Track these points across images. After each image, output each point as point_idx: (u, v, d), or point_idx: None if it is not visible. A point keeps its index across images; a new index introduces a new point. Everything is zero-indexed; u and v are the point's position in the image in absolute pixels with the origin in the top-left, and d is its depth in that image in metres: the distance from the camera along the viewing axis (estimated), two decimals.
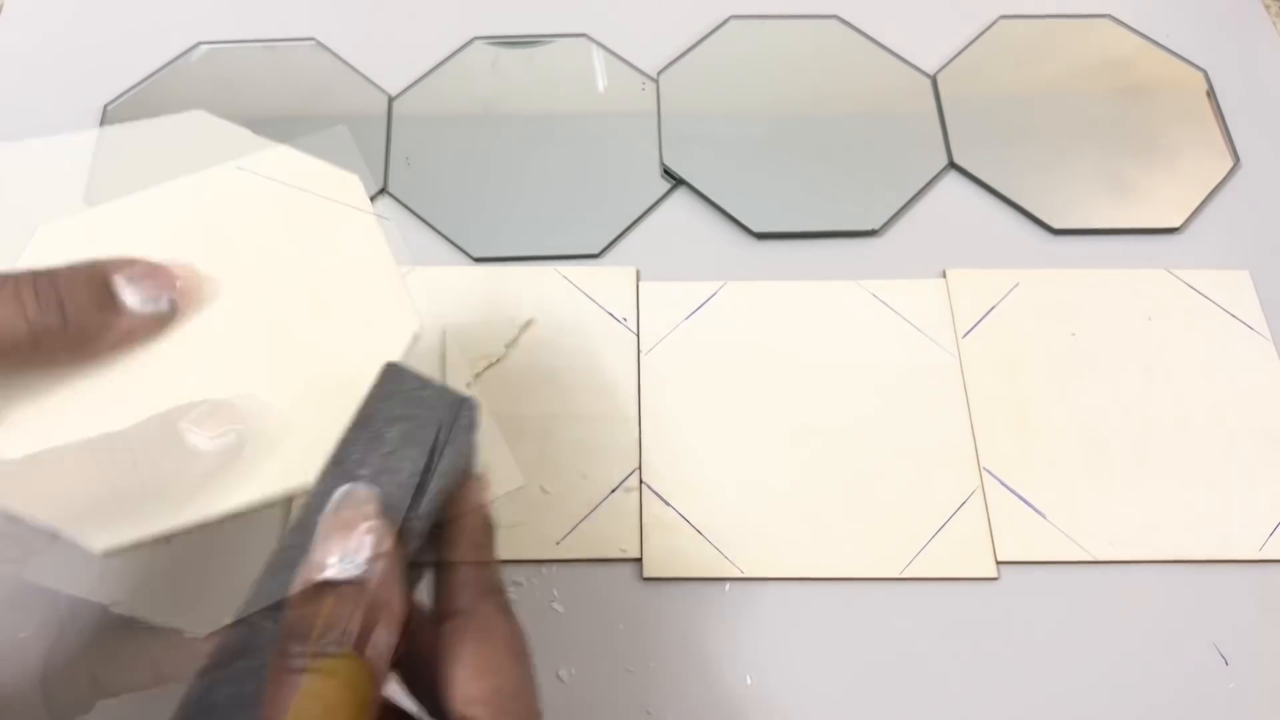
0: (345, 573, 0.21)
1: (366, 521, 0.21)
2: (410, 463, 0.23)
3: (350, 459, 0.23)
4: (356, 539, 0.21)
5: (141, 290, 0.25)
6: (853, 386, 0.43)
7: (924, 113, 0.52)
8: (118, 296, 0.25)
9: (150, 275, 0.25)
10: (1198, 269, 0.47)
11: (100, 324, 0.24)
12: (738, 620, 0.39)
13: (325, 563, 0.21)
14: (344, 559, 0.21)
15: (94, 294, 0.24)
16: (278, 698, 0.19)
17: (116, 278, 0.25)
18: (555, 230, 0.48)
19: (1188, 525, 0.40)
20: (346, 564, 0.21)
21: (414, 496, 0.23)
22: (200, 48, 0.54)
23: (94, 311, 0.24)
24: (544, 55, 0.54)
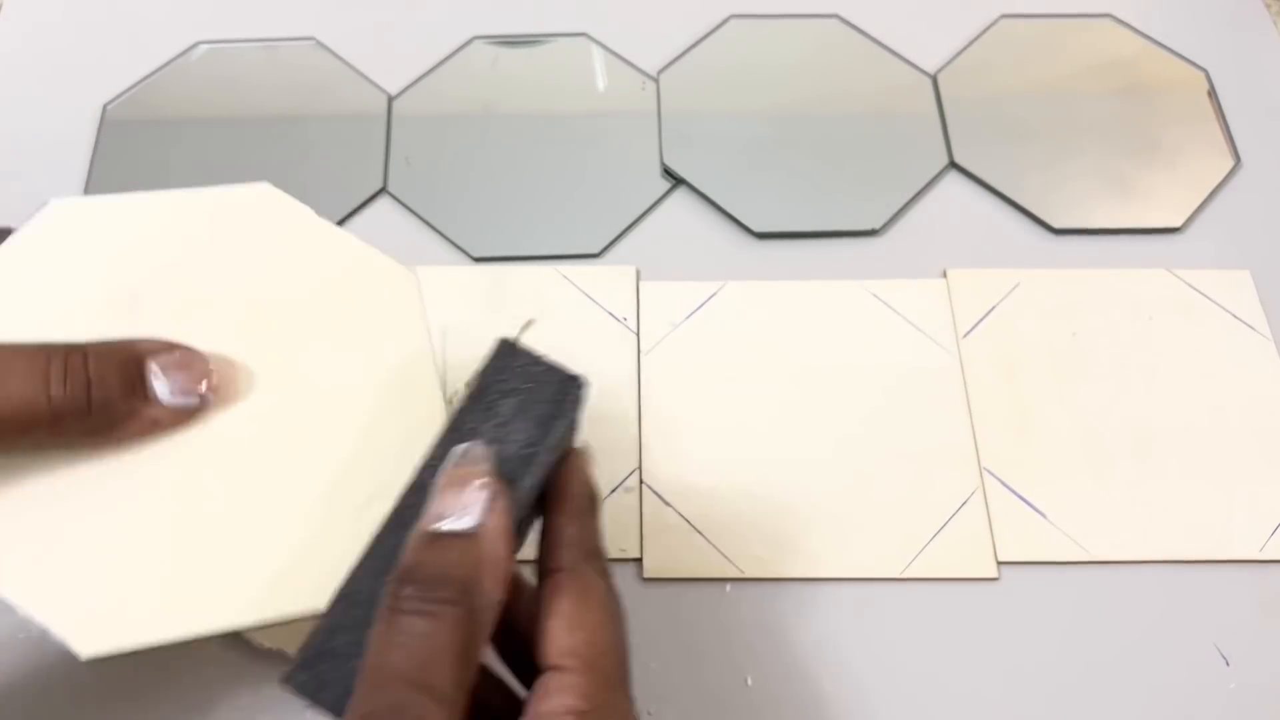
0: (460, 525, 0.22)
1: (481, 478, 0.22)
2: (523, 434, 0.24)
3: (465, 427, 0.24)
4: (471, 493, 0.22)
5: (174, 382, 0.24)
6: (853, 387, 0.43)
7: (924, 112, 0.52)
8: (149, 384, 0.24)
9: (185, 366, 0.25)
10: (1198, 269, 0.46)
11: (126, 412, 0.24)
12: (738, 620, 0.38)
13: (442, 513, 0.22)
14: (459, 512, 0.22)
15: (125, 379, 0.24)
16: (387, 635, 0.20)
17: (151, 364, 0.24)
18: (555, 230, 0.48)
19: (1188, 525, 0.40)
20: (461, 517, 0.22)
21: (525, 465, 0.24)
22: (200, 47, 0.54)
23: (122, 398, 0.24)
24: (544, 55, 0.54)
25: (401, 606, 0.21)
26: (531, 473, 0.24)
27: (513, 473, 0.24)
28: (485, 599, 0.21)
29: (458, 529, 0.21)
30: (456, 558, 0.21)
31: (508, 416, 0.24)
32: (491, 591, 0.22)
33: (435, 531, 0.22)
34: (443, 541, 0.21)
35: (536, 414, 0.25)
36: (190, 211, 0.28)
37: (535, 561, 0.26)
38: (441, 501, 0.22)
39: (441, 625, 0.20)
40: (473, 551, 0.21)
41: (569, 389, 0.25)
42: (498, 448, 0.24)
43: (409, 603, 0.21)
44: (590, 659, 0.23)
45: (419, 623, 0.20)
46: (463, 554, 0.21)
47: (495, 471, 0.23)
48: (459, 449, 0.23)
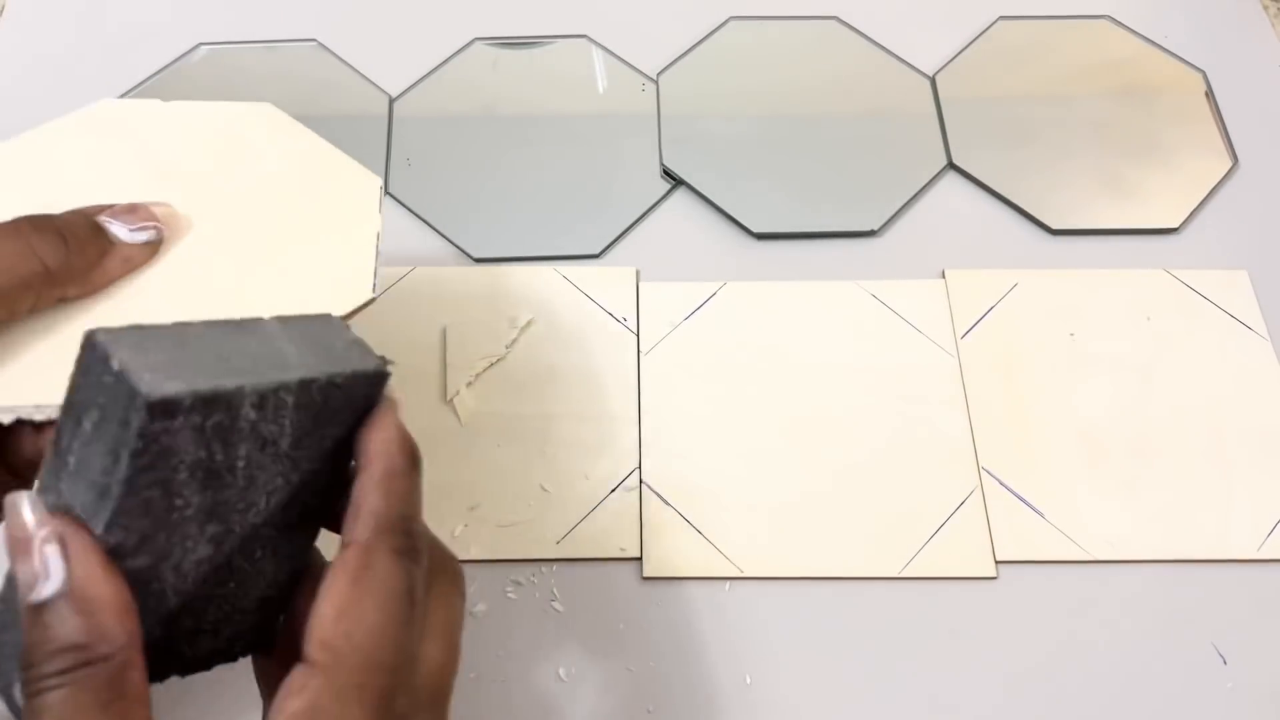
0: (48, 592, 0.20)
1: (41, 531, 0.21)
2: (98, 459, 0.21)
3: (61, 443, 0.21)
4: (37, 555, 0.20)
5: (127, 223, 0.28)
6: (852, 386, 0.43)
7: (923, 113, 0.52)
8: (109, 229, 0.28)
9: (130, 211, 0.29)
10: (1196, 269, 0.47)
11: (99, 252, 0.27)
12: (738, 620, 0.39)
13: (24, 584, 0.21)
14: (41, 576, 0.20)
15: (89, 228, 0.27)
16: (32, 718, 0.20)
17: (103, 217, 0.28)
18: (555, 230, 0.48)
19: (1186, 525, 0.40)
20: (45, 582, 0.20)
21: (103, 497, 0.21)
22: (201, 48, 0.54)
23: (92, 241, 0.27)
24: (544, 56, 0.54)
25: (33, 690, 0.20)
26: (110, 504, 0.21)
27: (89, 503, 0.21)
28: (109, 644, 0.20)
29: (48, 595, 0.20)
30: (59, 627, 0.20)
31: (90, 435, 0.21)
32: (114, 631, 0.20)
33: (33, 605, 0.20)
34: (43, 614, 0.20)
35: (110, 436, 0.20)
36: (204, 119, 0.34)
37: None
38: (18, 571, 0.21)
39: (74, 691, 0.20)
40: (71, 610, 0.20)
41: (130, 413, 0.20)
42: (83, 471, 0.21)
43: (36, 684, 0.20)
44: (339, 657, 0.21)
45: (53, 697, 0.20)
46: (63, 619, 0.20)
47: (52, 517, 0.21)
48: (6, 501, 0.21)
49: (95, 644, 0.20)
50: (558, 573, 0.39)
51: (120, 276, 0.28)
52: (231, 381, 0.21)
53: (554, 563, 0.39)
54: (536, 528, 0.40)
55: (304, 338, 0.23)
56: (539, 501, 0.40)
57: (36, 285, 0.26)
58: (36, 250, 0.26)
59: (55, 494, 0.21)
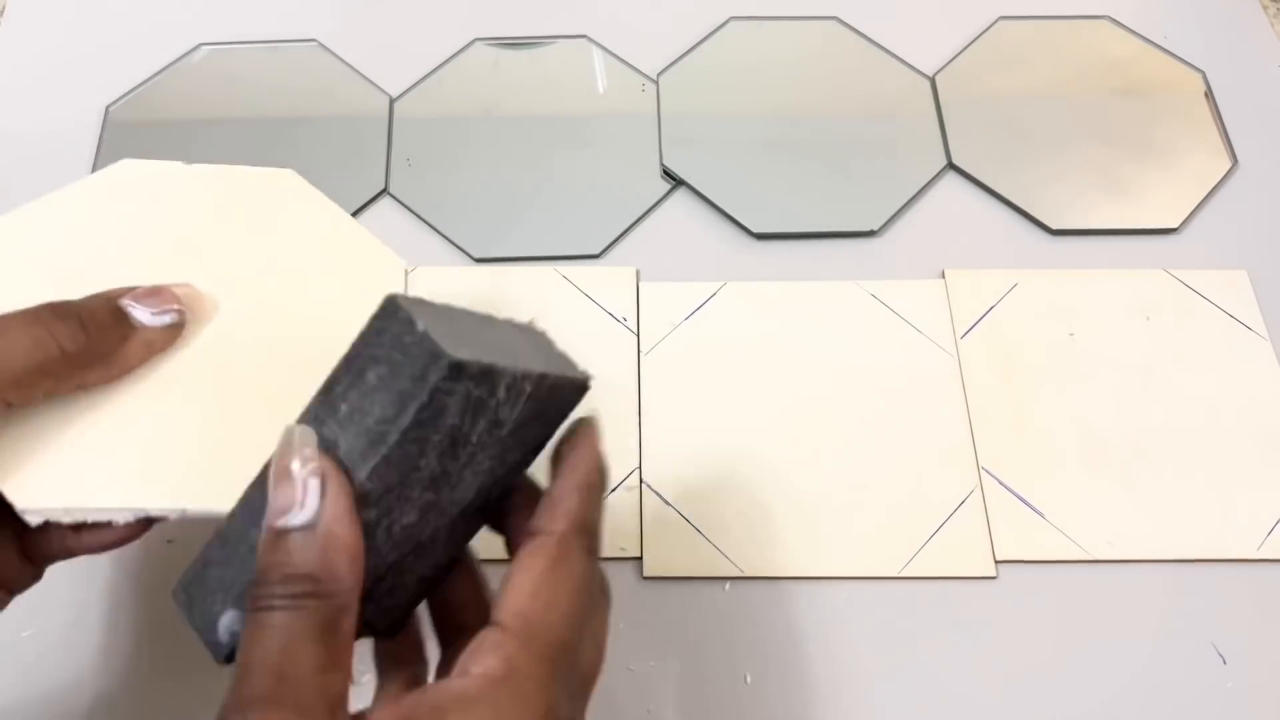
0: (298, 520, 0.22)
1: (308, 465, 0.22)
2: (379, 408, 0.22)
3: (336, 390, 0.23)
4: (300, 485, 0.22)
5: (149, 307, 0.28)
6: (852, 387, 0.43)
7: (923, 114, 0.52)
8: (130, 315, 0.28)
9: (153, 294, 0.28)
10: (1196, 269, 0.47)
11: (119, 337, 0.27)
12: (738, 620, 0.39)
13: (280, 508, 0.22)
14: (296, 504, 0.22)
15: (109, 312, 0.27)
16: (252, 631, 0.21)
17: (124, 300, 0.28)
18: (555, 230, 0.48)
19: (1186, 524, 0.40)
20: (298, 511, 0.22)
21: (374, 446, 0.22)
22: (202, 48, 0.54)
23: (113, 326, 0.27)
24: (544, 56, 0.54)
25: (258, 605, 0.21)
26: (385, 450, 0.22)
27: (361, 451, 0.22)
28: (340, 584, 0.22)
29: (297, 524, 0.22)
30: (300, 554, 0.22)
31: (373, 386, 0.23)
32: (344, 574, 0.22)
33: (278, 529, 0.22)
34: (286, 539, 0.22)
35: (398, 390, 0.22)
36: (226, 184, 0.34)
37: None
38: (276, 496, 0.22)
39: (298, 616, 0.21)
40: (314, 543, 0.22)
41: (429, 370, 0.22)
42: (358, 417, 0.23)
43: (264, 601, 0.21)
44: (534, 628, 0.23)
45: (276, 616, 0.21)
46: (305, 548, 0.22)
47: (320, 455, 0.22)
48: (283, 434, 0.23)
49: (328, 580, 0.22)
50: None
51: (142, 361, 0.28)
52: (500, 361, 0.23)
53: None
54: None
55: (528, 340, 0.26)
56: None
57: (53, 370, 0.26)
58: (55, 335, 0.26)
59: (319, 435, 0.23)
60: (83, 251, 0.31)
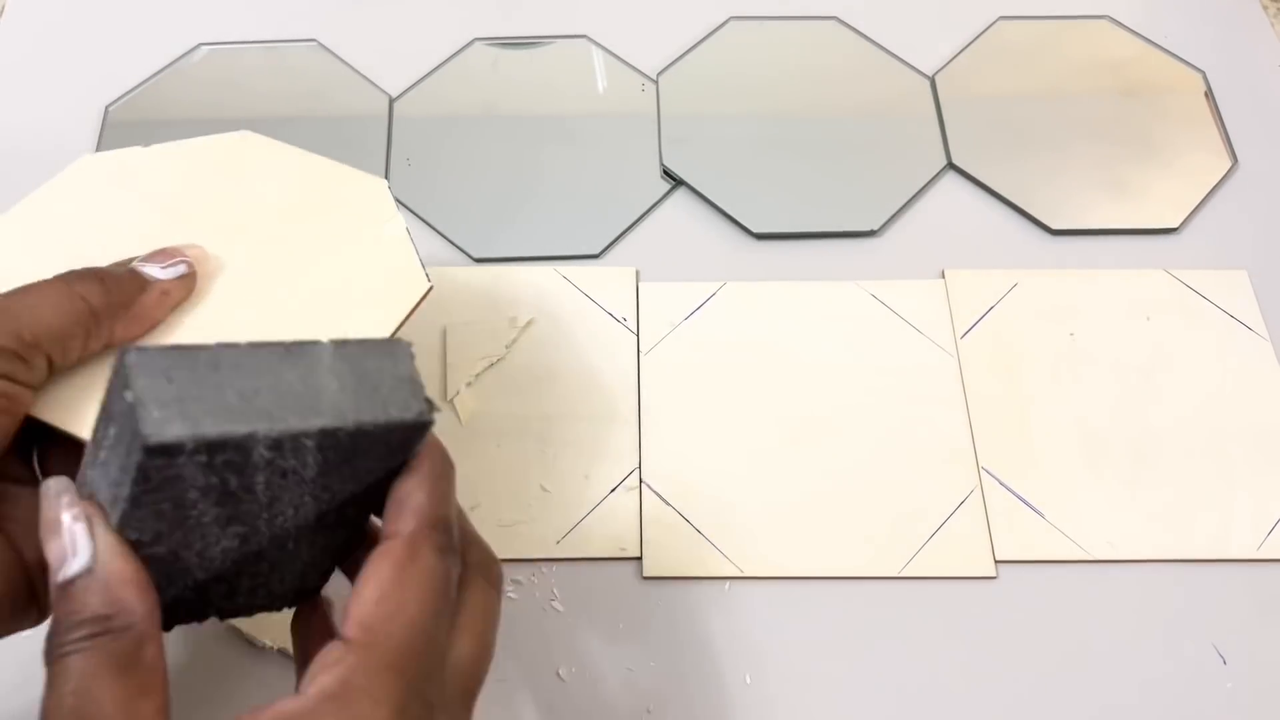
0: (74, 569, 0.22)
1: (69, 510, 0.22)
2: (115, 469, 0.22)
3: (96, 436, 0.23)
4: (67, 534, 0.22)
5: (158, 263, 0.30)
6: (852, 387, 0.43)
7: (923, 113, 0.52)
8: (142, 270, 0.29)
9: (159, 253, 0.30)
10: (1196, 269, 0.47)
11: (137, 287, 0.29)
12: (738, 620, 0.39)
13: (54, 564, 0.22)
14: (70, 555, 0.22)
15: (124, 270, 0.29)
16: (51, 684, 0.21)
17: (134, 262, 0.29)
18: (555, 230, 0.48)
19: (1186, 524, 0.40)
20: (73, 560, 0.22)
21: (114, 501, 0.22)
22: (201, 49, 0.54)
23: (129, 280, 0.29)
24: (544, 56, 0.54)
25: (57, 655, 0.21)
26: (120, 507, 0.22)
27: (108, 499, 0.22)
28: (129, 616, 0.22)
29: (75, 572, 0.22)
30: (85, 599, 0.21)
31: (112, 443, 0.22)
32: (134, 605, 0.22)
33: (60, 583, 0.22)
34: (71, 589, 0.22)
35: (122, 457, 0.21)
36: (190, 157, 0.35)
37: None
38: (49, 552, 0.22)
39: (92, 656, 0.21)
40: (97, 584, 0.22)
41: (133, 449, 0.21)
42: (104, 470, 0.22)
43: (59, 649, 0.21)
44: (375, 637, 0.22)
45: (73, 660, 0.21)
46: (89, 591, 0.22)
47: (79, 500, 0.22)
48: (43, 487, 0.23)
49: (116, 615, 0.21)
50: (558, 572, 0.39)
51: (163, 313, 0.30)
52: (244, 427, 0.21)
53: (554, 562, 0.39)
54: (536, 527, 0.40)
55: (352, 370, 0.23)
56: (539, 501, 0.40)
57: (84, 324, 0.27)
58: (78, 291, 0.27)
59: (87, 480, 0.23)
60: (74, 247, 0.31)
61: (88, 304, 0.27)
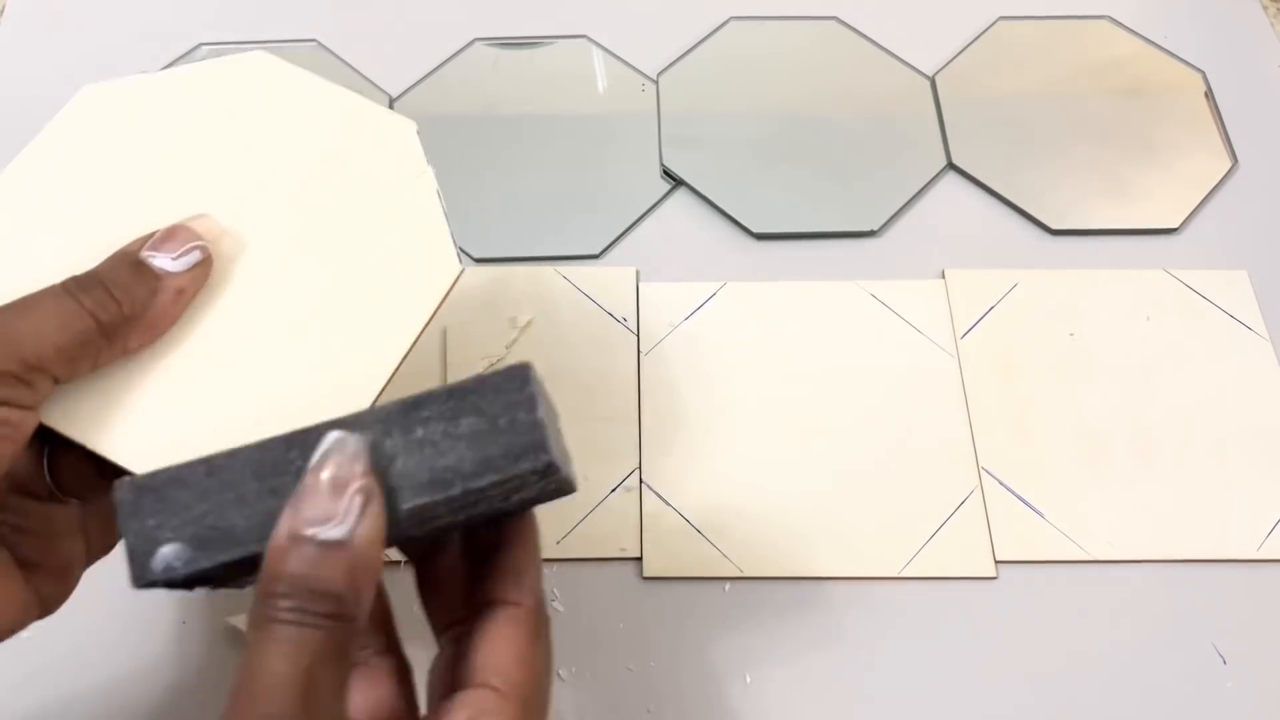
0: (333, 534, 0.21)
1: (357, 481, 0.22)
2: (457, 458, 0.22)
3: (420, 412, 0.23)
4: (346, 500, 0.21)
5: (168, 253, 0.27)
6: (852, 387, 0.43)
7: (923, 113, 0.52)
8: (151, 265, 0.27)
9: (170, 237, 0.27)
10: (1196, 269, 0.47)
11: (149, 292, 0.26)
12: (738, 620, 0.39)
13: (314, 518, 0.21)
14: (333, 517, 0.21)
15: (131, 270, 0.26)
16: (260, 646, 0.20)
17: (142, 252, 0.27)
18: (555, 230, 0.48)
19: (1186, 525, 0.40)
20: (335, 524, 0.21)
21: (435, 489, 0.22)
22: (201, 48, 0.54)
23: (138, 285, 0.26)
24: (544, 56, 0.54)
25: (278, 617, 0.20)
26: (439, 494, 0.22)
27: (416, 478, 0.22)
28: (359, 608, 0.21)
29: (328, 537, 0.21)
30: (327, 570, 0.21)
31: (458, 434, 0.22)
32: (367, 599, 0.21)
33: (305, 537, 0.21)
34: (315, 550, 0.21)
35: (486, 453, 0.22)
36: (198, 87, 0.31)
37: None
38: (313, 503, 0.21)
39: (321, 638, 0.20)
40: (343, 561, 0.21)
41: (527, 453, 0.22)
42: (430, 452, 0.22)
43: (286, 614, 0.20)
44: (528, 696, 0.24)
45: (301, 634, 0.20)
46: (332, 565, 0.21)
47: (370, 469, 0.22)
48: (332, 438, 0.22)
49: (352, 603, 0.21)
50: (558, 573, 0.39)
51: (178, 312, 0.27)
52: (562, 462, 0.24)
53: (554, 563, 0.39)
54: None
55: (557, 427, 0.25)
56: None
57: (94, 341, 0.25)
58: (87, 308, 0.25)
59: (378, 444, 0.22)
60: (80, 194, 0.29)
61: (96, 320, 0.25)
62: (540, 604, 0.26)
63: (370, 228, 0.30)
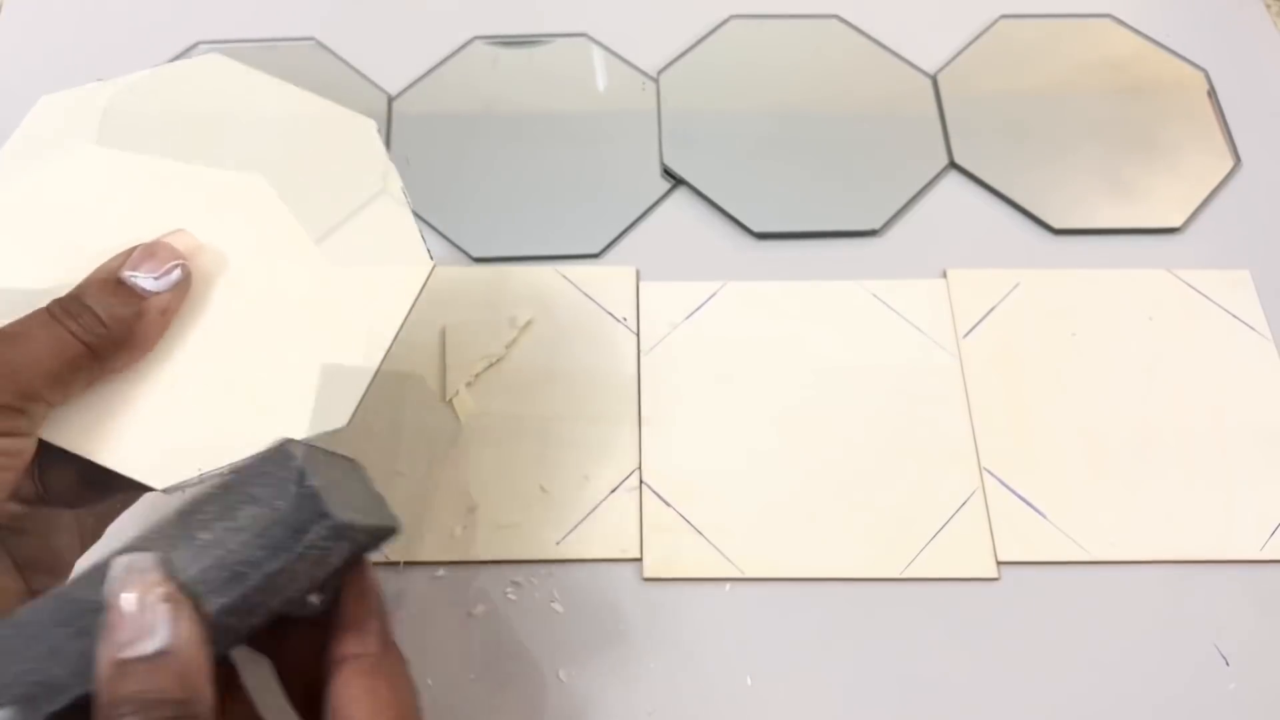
0: (149, 648, 0.21)
1: (158, 589, 0.21)
2: (246, 550, 0.22)
3: (198, 518, 0.23)
4: (153, 613, 0.21)
5: (149, 272, 0.27)
6: (853, 387, 0.43)
7: (924, 113, 0.52)
8: (133, 285, 0.27)
9: (150, 256, 0.27)
10: (1198, 269, 0.47)
11: (133, 313, 0.27)
12: (738, 620, 0.39)
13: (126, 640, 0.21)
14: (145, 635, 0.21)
15: (114, 291, 0.27)
16: None
17: (122, 272, 0.27)
18: (555, 230, 0.48)
19: (1188, 525, 0.40)
20: (149, 640, 0.21)
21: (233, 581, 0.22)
22: (201, 48, 0.54)
23: (122, 305, 0.27)
24: (544, 55, 0.54)
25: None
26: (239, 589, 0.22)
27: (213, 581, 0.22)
28: (203, 704, 0.21)
29: (147, 652, 0.21)
30: (160, 680, 0.21)
31: (244, 525, 0.22)
32: (207, 694, 0.21)
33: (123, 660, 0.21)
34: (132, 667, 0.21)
35: (272, 537, 0.22)
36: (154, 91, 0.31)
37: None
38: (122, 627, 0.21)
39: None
40: (170, 668, 0.21)
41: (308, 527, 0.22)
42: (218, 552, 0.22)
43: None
44: None
45: None
46: (159, 674, 0.21)
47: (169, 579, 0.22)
48: (119, 563, 0.22)
49: (193, 701, 0.21)
50: (558, 573, 0.39)
51: (165, 328, 0.28)
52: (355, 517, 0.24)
53: (554, 563, 0.39)
54: (536, 528, 0.40)
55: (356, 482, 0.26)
56: (539, 502, 0.40)
57: (84, 365, 0.26)
58: (72, 330, 0.26)
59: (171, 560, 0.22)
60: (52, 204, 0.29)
61: (83, 345, 0.26)
62: (387, 647, 0.25)
63: (340, 229, 0.30)
